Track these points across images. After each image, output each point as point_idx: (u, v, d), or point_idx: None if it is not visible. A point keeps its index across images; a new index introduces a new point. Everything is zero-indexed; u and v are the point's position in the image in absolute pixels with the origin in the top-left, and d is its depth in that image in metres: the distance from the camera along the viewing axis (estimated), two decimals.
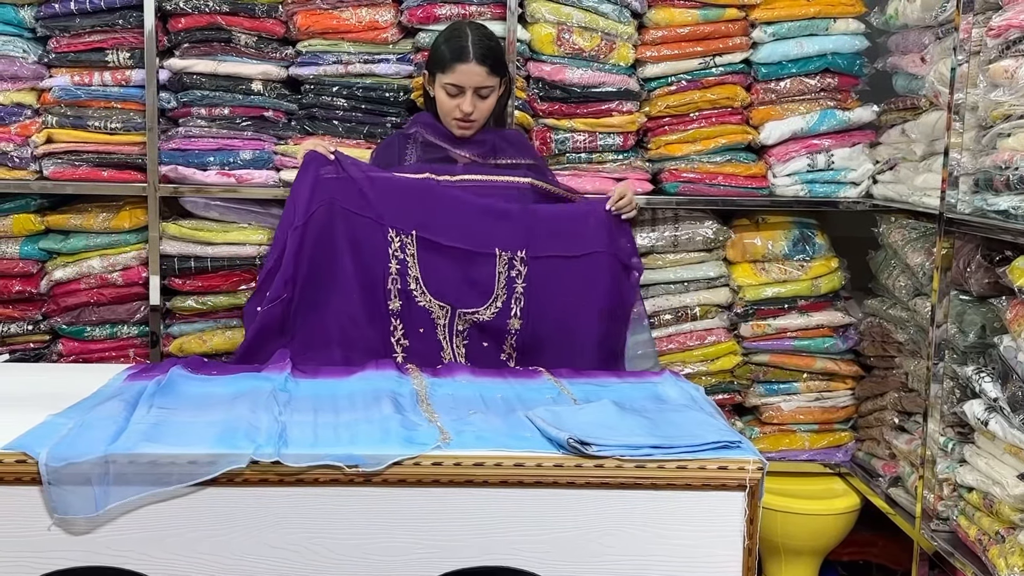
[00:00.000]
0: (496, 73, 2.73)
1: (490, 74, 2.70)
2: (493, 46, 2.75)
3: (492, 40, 2.77)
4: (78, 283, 3.08)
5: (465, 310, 2.64)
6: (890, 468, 3.09)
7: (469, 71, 2.68)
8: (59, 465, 1.83)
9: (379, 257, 2.64)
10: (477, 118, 2.76)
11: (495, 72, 2.72)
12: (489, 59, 2.70)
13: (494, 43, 2.77)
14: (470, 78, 2.68)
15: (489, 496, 1.92)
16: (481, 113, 2.76)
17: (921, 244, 2.95)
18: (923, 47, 2.94)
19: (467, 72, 2.68)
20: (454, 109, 2.72)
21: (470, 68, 2.68)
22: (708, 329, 3.27)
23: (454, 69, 2.69)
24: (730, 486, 1.95)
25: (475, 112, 2.74)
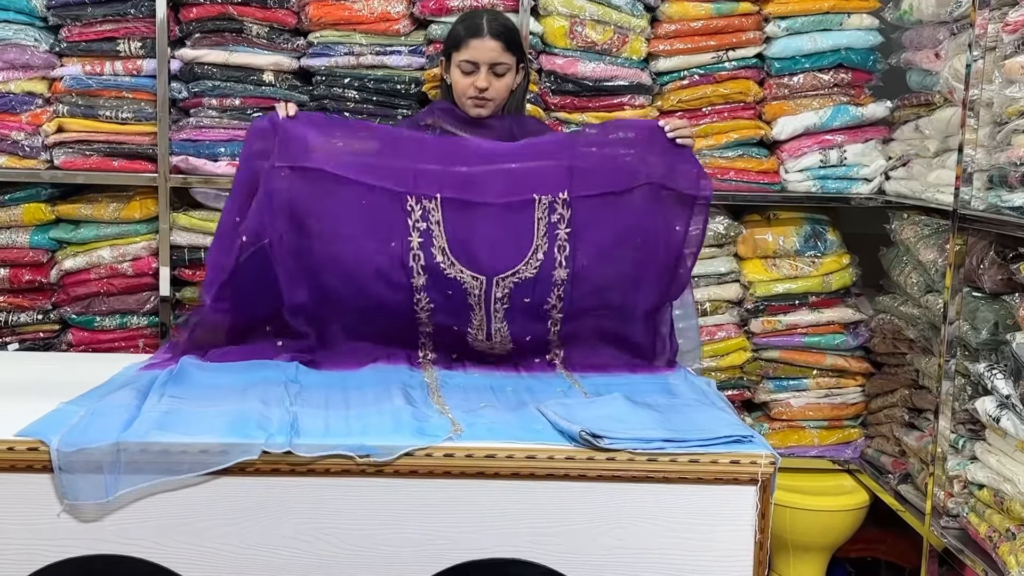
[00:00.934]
0: (511, 51, 2.63)
1: (505, 50, 2.61)
2: (508, 25, 2.69)
3: (508, 21, 2.72)
4: (88, 273, 3.08)
5: (502, 275, 2.35)
6: (900, 465, 3.08)
7: (483, 46, 2.60)
8: (71, 451, 1.83)
9: (397, 232, 2.34)
10: (493, 96, 2.65)
11: (510, 49, 2.63)
12: (504, 35, 2.63)
13: (510, 24, 2.71)
14: (484, 53, 2.60)
15: (500, 488, 1.92)
16: (497, 92, 2.64)
17: (934, 241, 2.94)
18: (938, 43, 2.93)
19: (481, 47, 2.60)
20: (469, 87, 2.63)
21: (484, 43, 2.60)
22: (718, 325, 3.26)
23: (468, 45, 2.61)
24: (742, 480, 1.95)
25: (490, 89, 2.63)
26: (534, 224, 2.36)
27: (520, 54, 2.68)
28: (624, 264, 2.42)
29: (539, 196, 2.37)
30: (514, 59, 2.65)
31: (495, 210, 2.37)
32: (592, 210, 2.38)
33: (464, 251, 2.35)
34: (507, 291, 2.37)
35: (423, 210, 2.32)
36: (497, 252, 2.37)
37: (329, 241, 2.36)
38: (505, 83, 2.66)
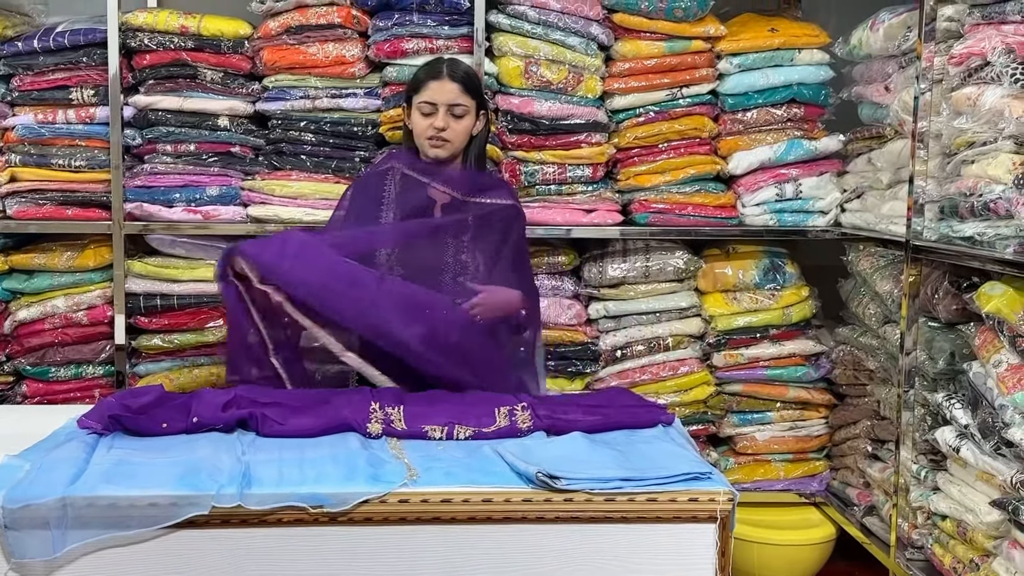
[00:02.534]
0: (470, 94, 2.64)
1: (463, 92, 2.62)
2: (468, 71, 2.70)
3: (469, 68, 2.73)
4: (42, 323, 3.04)
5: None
6: (865, 497, 3.08)
7: (441, 87, 2.61)
8: (16, 507, 1.79)
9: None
10: (451, 138, 2.63)
11: (469, 92, 2.63)
12: (462, 79, 2.64)
13: (470, 70, 2.73)
14: (443, 94, 2.61)
15: (457, 533, 1.89)
16: (455, 133, 2.64)
17: (889, 272, 2.96)
18: (887, 76, 2.97)
19: (439, 88, 2.61)
20: (428, 127, 2.62)
21: (443, 84, 2.61)
22: (681, 359, 3.26)
23: (427, 87, 2.63)
24: (701, 518, 1.93)
25: (448, 130, 2.62)
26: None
27: (480, 100, 2.69)
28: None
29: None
30: (473, 103, 2.65)
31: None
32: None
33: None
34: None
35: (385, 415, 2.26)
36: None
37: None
38: (464, 125, 2.65)
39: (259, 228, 3.06)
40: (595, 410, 2.37)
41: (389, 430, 2.20)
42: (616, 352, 3.23)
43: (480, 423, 2.25)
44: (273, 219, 3.06)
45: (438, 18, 3.07)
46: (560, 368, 3.19)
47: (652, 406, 2.49)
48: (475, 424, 2.24)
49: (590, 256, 3.27)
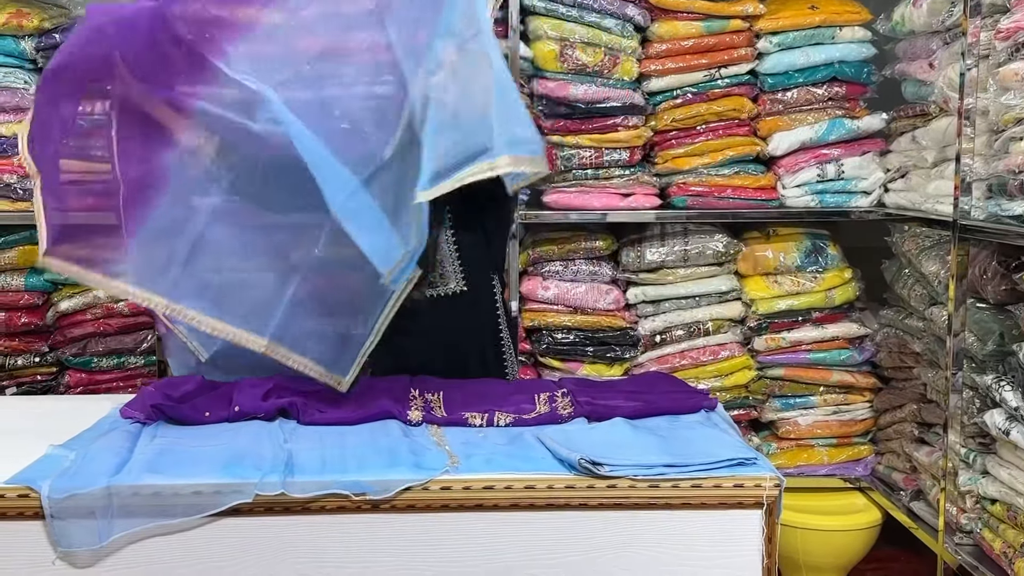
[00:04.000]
0: None
1: None
2: None
3: None
4: (84, 314, 3.06)
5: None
6: (911, 481, 3.04)
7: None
8: (61, 497, 1.80)
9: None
10: None
11: None
12: None
13: None
14: None
15: (500, 520, 1.88)
16: None
17: (935, 252, 2.91)
18: (931, 53, 2.91)
19: None
20: None
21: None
22: (721, 344, 3.23)
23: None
24: (747, 504, 1.90)
25: None
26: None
27: None
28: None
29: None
30: None
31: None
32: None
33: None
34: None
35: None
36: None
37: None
38: None
39: None
40: (636, 396, 2.34)
41: (429, 417, 2.20)
42: (655, 337, 3.20)
43: (520, 409, 2.23)
44: None
45: None
46: (599, 354, 3.17)
47: (694, 391, 2.46)
48: (515, 411, 2.23)
49: (628, 241, 3.24)
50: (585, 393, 2.33)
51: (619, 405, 2.27)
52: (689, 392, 2.44)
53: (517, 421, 2.20)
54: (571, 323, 3.16)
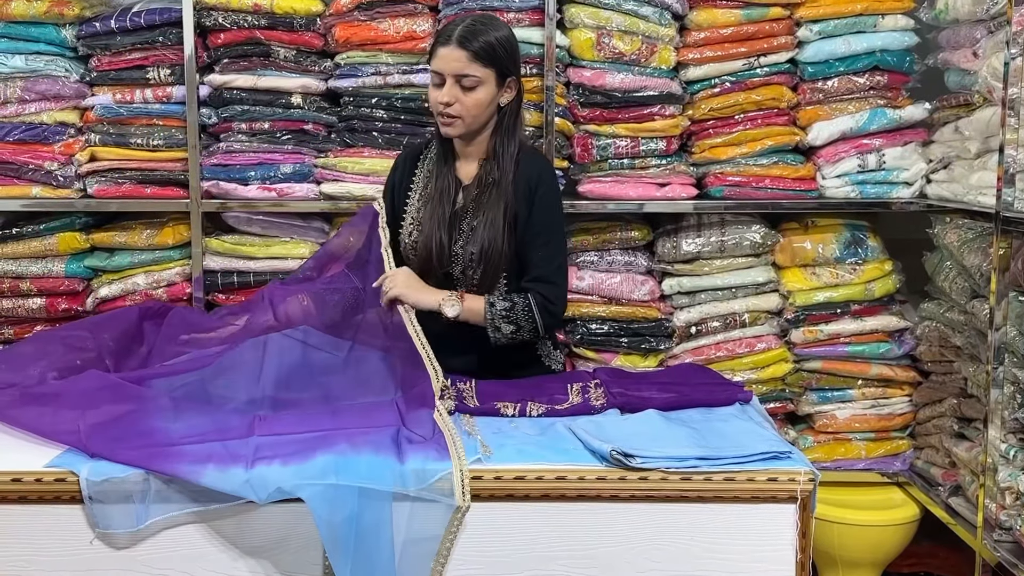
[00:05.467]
0: (483, 62, 2.29)
1: (472, 60, 2.28)
2: (481, 32, 2.31)
3: (488, 29, 2.33)
4: (124, 300, 3.09)
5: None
6: (950, 476, 2.99)
7: (447, 54, 2.29)
8: (99, 480, 1.83)
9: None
10: (460, 113, 2.32)
11: (480, 60, 2.29)
12: (471, 43, 2.28)
13: (488, 32, 2.32)
14: (447, 63, 2.29)
15: (530, 510, 1.88)
16: (465, 108, 2.32)
17: (978, 244, 2.86)
18: (975, 42, 2.85)
19: (445, 56, 2.30)
20: (435, 103, 2.34)
21: (448, 51, 2.29)
22: (758, 336, 3.20)
23: (435, 54, 2.32)
24: (780, 498, 1.89)
25: (456, 105, 2.31)
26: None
27: (501, 67, 2.34)
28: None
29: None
30: (489, 72, 2.32)
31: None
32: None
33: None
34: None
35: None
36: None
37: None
38: (475, 99, 2.32)
39: (332, 205, 3.07)
40: (670, 387, 2.33)
41: (462, 407, 2.20)
42: (691, 328, 3.18)
43: (553, 400, 2.23)
44: (346, 196, 3.07)
45: None
46: (633, 345, 3.15)
47: (729, 384, 2.44)
48: (548, 401, 2.22)
49: (664, 231, 3.21)
50: (618, 384, 2.32)
51: (652, 396, 2.26)
52: (723, 384, 2.43)
53: (549, 411, 2.19)
54: (606, 314, 3.15)
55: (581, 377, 2.40)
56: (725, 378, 2.53)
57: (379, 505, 1.82)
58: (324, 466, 1.84)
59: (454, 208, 2.42)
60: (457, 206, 2.42)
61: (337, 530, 1.79)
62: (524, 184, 2.40)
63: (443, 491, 1.84)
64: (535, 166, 2.44)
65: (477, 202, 2.40)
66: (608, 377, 2.38)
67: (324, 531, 1.79)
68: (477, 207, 2.39)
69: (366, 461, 1.86)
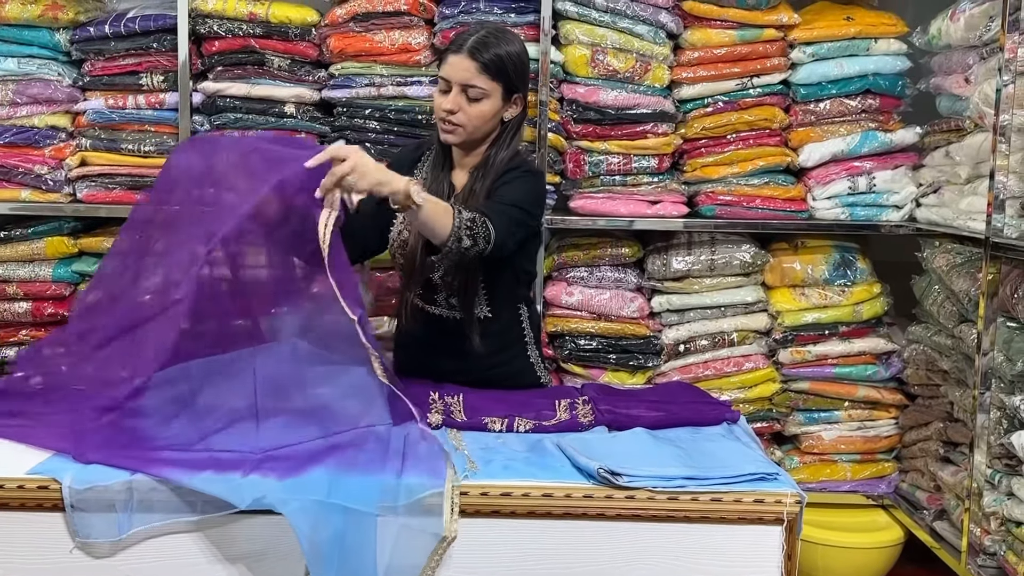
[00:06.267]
0: (490, 74, 2.29)
1: (481, 72, 2.28)
2: (493, 45, 2.31)
3: (500, 43, 2.33)
4: None
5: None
6: (935, 500, 3.00)
7: (457, 63, 2.29)
8: (82, 488, 1.81)
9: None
10: (463, 122, 2.32)
11: (488, 72, 2.29)
12: (483, 55, 2.28)
13: (500, 46, 2.32)
14: (456, 71, 2.29)
15: (516, 527, 1.87)
16: (468, 118, 2.31)
17: (966, 269, 2.87)
18: (967, 68, 2.87)
19: (454, 64, 2.30)
20: (439, 108, 2.33)
21: (458, 59, 2.29)
22: (746, 355, 3.20)
23: (446, 60, 2.33)
24: (767, 520, 1.88)
25: (460, 113, 2.30)
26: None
27: (508, 82, 2.33)
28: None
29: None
30: (496, 86, 2.31)
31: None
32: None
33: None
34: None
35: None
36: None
37: None
38: (480, 110, 2.32)
39: None
40: (658, 406, 2.33)
41: (449, 421, 2.19)
42: (679, 346, 3.18)
43: (540, 416, 2.22)
44: None
45: (505, 5, 3.04)
46: (621, 362, 3.15)
47: (717, 403, 2.44)
48: (535, 417, 2.22)
49: (654, 248, 3.22)
50: (606, 401, 2.32)
51: (640, 415, 2.25)
52: (711, 403, 2.42)
53: (537, 428, 2.19)
54: (594, 330, 3.14)
55: (569, 393, 2.39)
56: (713, 397, 2.53)
57: (364, 526, 1.80)
58: (315, 482, 1.82)
59: None
60: None
61: (320, 548, 1.77)
62: (500, 175, 2.36)
63: (430, 509, 1.82)
64: (516, 162, 2.40)
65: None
66: (596, 394, 2.38)
67: (307, 547, 1.77)
68: None
69: (356, 479, 1.84)
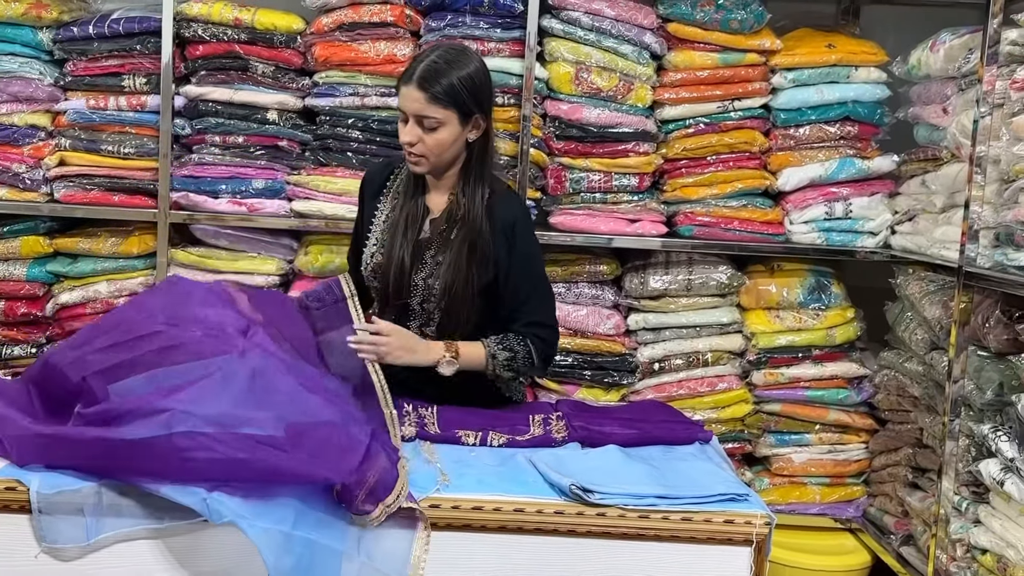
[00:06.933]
0: (442, 104, 2.23)
1: (431, 102, 2.23)
2: (443, 72, 2.24)
3: (450, 68, 2.25)
4: (84, 307, 3.06)
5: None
6: (902, 526, 3.02)
7: (408, 94, 2.25)
8: (51, 493, 1.79)
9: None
10: (423, 152, 2.28)
11: (439, 102, 2.23)
12: (432, 85, 2.22)
13: (450, 72, 2.25)
14: (408, 103, 2.25)
15: (487, 542, 1.87)
16: (427, 148, 2.27)
17: (939, 297, 2.90)
18: (945, 98, 2.91)
19: (406, 95, 2.26)
20: (401, 139, 2.31)
21: (408, 91, 2.25)
22: (719, 376, 3.21)
23: (399, 92, 2.29)
24: (736, 541, 1.90)
25: (419, 145, 2.27)
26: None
27: (462, 107, 2.27)
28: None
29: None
30: (450, 113, 2.25)
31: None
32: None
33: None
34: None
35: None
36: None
37: None
38: (437, 139, 2.27)
39: (302, 222, 3.06)
40: (631, 424, 2.34)
41: (423, 433, 2.19)
42: (654, 365, 3.19)
43: (514, 430, 2.23)
44: (317, 214, 3.06)
45: (491, 20, 3.05)
46: (596, 378, 3.16)
47: (689, 423, 2.45)
48: (509, 431, 2.22)
49: (632, 266, 3.23)
50: (580, 417, 2.33)
51: (613, 432, 2.26)
52: (684, 423, 2.44)
53: (511, 443, 2.19)
54: (570, 346, 3.15)
55: (543, 409, 2.40)
56: (686, 417, 2.54)
57: (330, 560, 1.78)
58: (282, 508, 1.78)
59: (419, 237, 2.38)
60: (423, 235, 2.38)
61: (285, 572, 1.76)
62: (500, 230, 2.35)
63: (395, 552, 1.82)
64: (510, 210, 2.39)
65: (443, 237, 2.36)
66: (570, 410, 2.39)
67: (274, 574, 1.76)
68: (443, 242, 2.35)
69: (323, 510, 1.82)
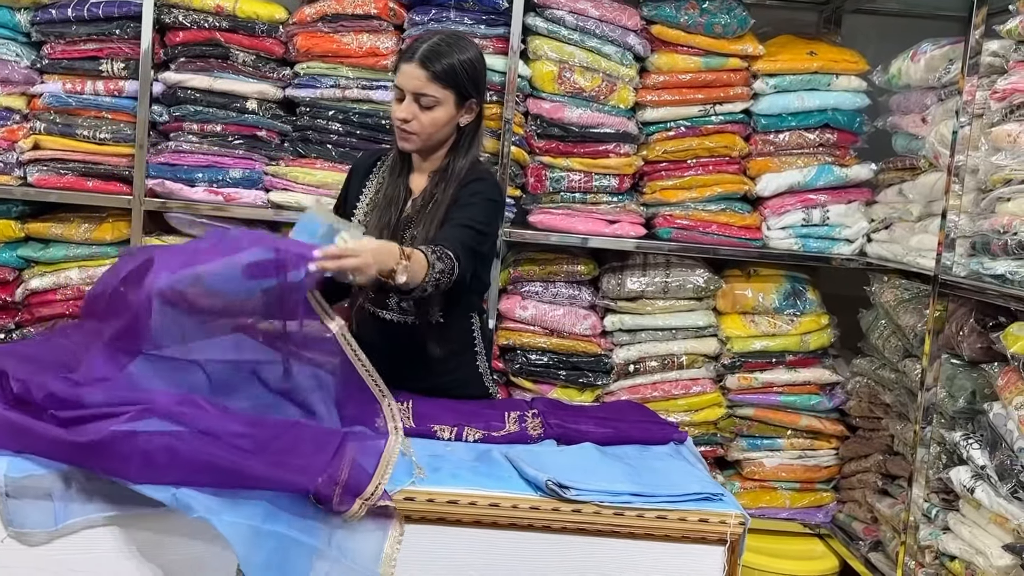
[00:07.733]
0: (442, 83, 2.28)
1: (432, 80, 2.27)
2: (445, 53, 2.29)
3: (452, 50, 2.31)
4: (54, 293, 3.02)
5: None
6: (871, 532, 3.04)
7: (408, 72, 2.29)
8: (19, 476, 1.76)
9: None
10: (417, 130, 2.32)
11: (440, 80, 2.28)
12: (433, 63, 2.27)
13: (452, 54, 2.30)
14: (408, 80, 2.29)
15: (461, 536, 1.86)
16: (422, 126, 2.31)
17: (913, 305, 2.92)
18: (925, 108, 2.93)
19: (406, 73, 2.29)
20: (395, 117, 2.34)
21: (410, 69, 2.29)
22: (694, 379, 3.22)
23: (399, 69, 2.32)
24: (710, 540, 1.90)
25: (414, 122, 2.31)
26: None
27: (460, 89, 2.32)
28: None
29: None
30: (448, 94, 2.31)
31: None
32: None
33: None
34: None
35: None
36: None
37: None
38: (432, 118, 2.31)
39: (278, 214, 3.04)
40: (607, 423, 2.33)
41: None
42: (629, 366, 3.19)
43: (490, 426, 2.22)
44: (294, 206, 3.03)
45: (475, 16, 3.05)
46: (571, 378, 3.15)
47: (665, 423, 2.45)
48: (484, 427, 2.21)
49: (609, 267, 3.23)
50: (556, 415, 2.32)
51: (589, 430, 2.25)
52: (660, 423, 2.44)
53: (486, 438, 2.18)
54: (546, 345, 3.15)
55: (519, 406, 2.39)
56: (661, 417, 2.54)
57: (301, 556, 1.76)
58: (253, 504, 1.76)
59: (399, 217, 2.39)
60: (403, 215, 2.39)
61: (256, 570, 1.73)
62: (462, 186, 2.36)
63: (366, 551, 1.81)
64: (477, 173, 2.40)
65: (420, 214, 2.36)
66: (545, 408, 2.38)
67: (245, 567, 1.73)
68: (419, 219, 2.35)
69: (295, 506, 1.79)
